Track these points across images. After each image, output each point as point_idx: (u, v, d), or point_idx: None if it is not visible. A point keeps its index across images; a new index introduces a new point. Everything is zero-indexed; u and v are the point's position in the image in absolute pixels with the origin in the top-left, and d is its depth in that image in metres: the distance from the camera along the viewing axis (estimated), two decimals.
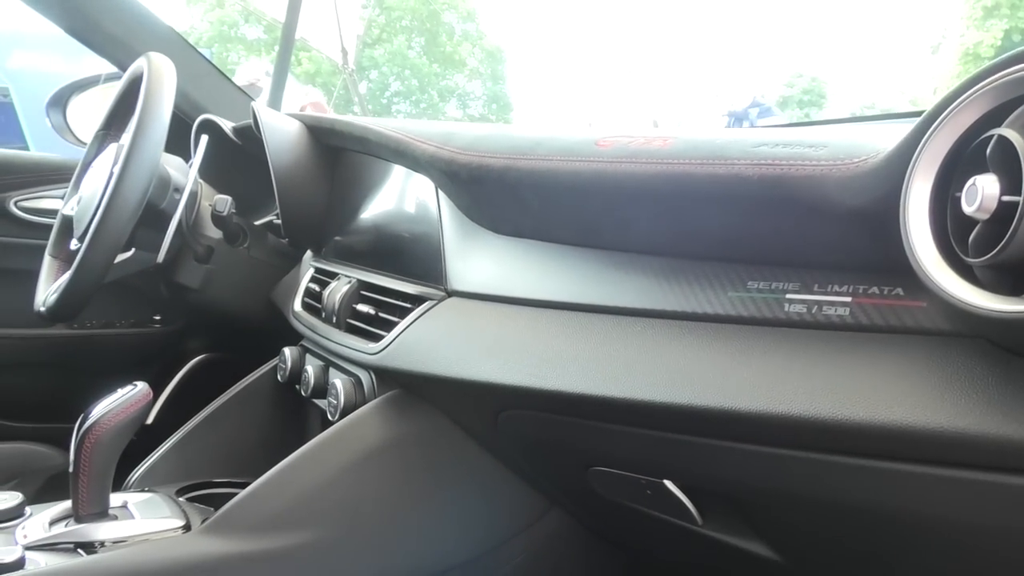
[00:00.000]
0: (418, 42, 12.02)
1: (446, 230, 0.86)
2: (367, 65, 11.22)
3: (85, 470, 0.83)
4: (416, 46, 11.98)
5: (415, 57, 11.88)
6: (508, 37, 13.51)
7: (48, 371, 1.51)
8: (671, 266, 0.62)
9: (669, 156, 0.59)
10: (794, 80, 12.42)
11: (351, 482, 0.84)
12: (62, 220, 1.25)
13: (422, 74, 11.91)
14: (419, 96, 12.05)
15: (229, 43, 10.72)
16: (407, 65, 11.77)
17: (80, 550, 0.80)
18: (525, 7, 14.47)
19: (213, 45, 10.45)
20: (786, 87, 12.29)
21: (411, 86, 11.98)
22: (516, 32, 14.06)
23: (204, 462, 1.08)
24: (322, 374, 1.01)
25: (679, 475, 0.64)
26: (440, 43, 12.05)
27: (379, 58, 11.41)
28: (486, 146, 0.76)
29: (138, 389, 0.85)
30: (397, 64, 11.66)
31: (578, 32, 13.66)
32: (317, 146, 1.17)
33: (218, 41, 10.68)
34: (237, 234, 1.26)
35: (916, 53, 11.50)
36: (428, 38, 11.99)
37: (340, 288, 1.00)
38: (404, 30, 11.95)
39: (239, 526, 0.81)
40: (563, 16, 13.87)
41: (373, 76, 11.61)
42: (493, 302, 0.78)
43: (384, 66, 11.56)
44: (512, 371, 0.69)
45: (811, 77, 12.48)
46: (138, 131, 1.04)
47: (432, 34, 12.00)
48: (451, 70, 12.13)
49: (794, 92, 12.15)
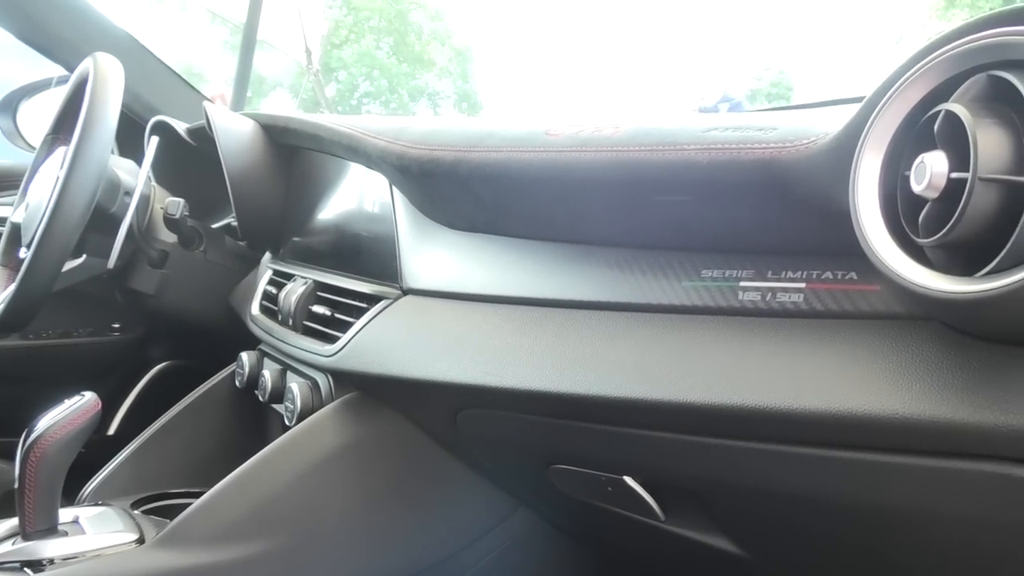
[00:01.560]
0: (387, 42, 11.95)
1: (401, 227, 0.84)
2: (335, 66, 11.13)
3: (31, 485, 0.80)
4: (385, 46, 11.91)
5: (384, 57, 11.81)
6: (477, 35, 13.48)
7: (4, 382, 1.47)
8: (624, 257, 0.61)
9: (619, 143, 0.58)
10: (762, 73, 12.51)
11: (309, 488, 0.82)
12: (11, 228, 1.21)
13: (391, 74, 11.84)
14: (389, 96, 11.98)
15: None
16: (376, 65, 11.69)
17: (27, 569, 0.77)
18: (493, 5, 14.46)
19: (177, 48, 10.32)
20: (754, 80, 12.37)
21: (380, 86, 11.90)
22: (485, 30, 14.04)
23: (161, 473, 1.05)
24: (279, 378, 0.99)
25: (639, 471, 0.63)
26: (409, 43, 11.99)
27: (347, 59, 11.32)
28: (437, 139, 0.74)
29: (86, 399, 0.82)
30: (366, 64, 11.58)
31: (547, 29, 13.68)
32: (272, 146, 1.14)
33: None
34: (192, 237, 1.23)
35: (880, 44, 11.63)
36: (396, 38, 11.93)
37: (296, 289, 0.98)
38: (372, 30, 11.87)
39: (194, 538, 0.78)
40: (531, 13, 13.88)
41: (342, 77, 11.53)
42: (449, 299, 0.76)
43: (353, 67, 11.48)
44: (467, 369, 0.67)
45: (778, 70, 12.57)
46: (83, 134, 1.00)
47: (400, 34, 11.93)
48: (420, 69, 12.07)
49: (762, 85, 12.24)
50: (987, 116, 0.37)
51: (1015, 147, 0.36)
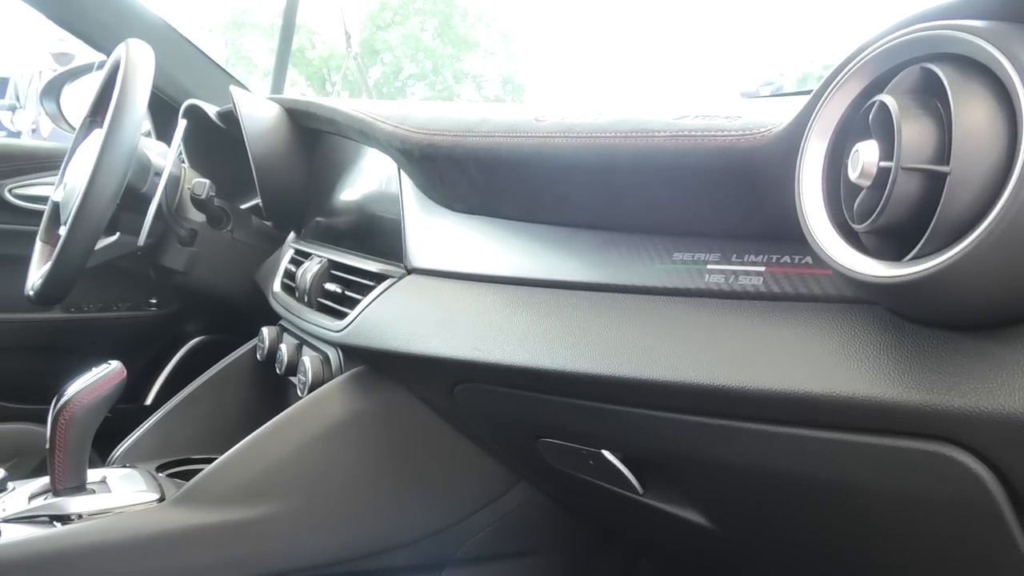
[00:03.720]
0: (431, 24, 11.99)
1: (406, 208, 0.87)
2: (381, 48, 11.21)
3: (60, 446, 0.85)
4: (429, 28, 11.96)
5: (428, 39, 11.86)
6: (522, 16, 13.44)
7: (47, 354, 1.55)
8: (605, 239, 0.63)
9: (598, 130, 0.60)
10: (813, 55, 12.25)
11: (316, 455, 0.86)
12: (52, 206, 1.27)
13: (436, 56, 11.89)
14: (433, 78, 12.03)
15: (243, 28, 10.77)
16: (420, 47, 11.75)
17: (56, 522, 0.82)
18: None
19: (226, 32, 10.51)
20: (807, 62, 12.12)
21: (425, 68, 11.97)
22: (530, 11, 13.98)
23: (185, 439, 1.11)
24: (296, 352, 1.03)
25: (616, 445, 0.66)
26: (453, 24, 12.01)
27: (392, 41, 11.40)
28: (436, 125, 0.77)
29: (111, 368, 0.88)
30: (411, 47, 11.64)
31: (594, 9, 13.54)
32: (295, 129, 1.18)
33: (232, 28, 10.73)
34: (220, 217, 1.28)
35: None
36: (441, 19, 11.96)
37: (312, 268, 1.02)
38: (417, 12, 11.92)
39: (209, 497, 0.83)
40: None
41: (387, 59, 11.62)
42: (448, 278, 0.79)
43: (398, 49, 11.56)
44: (460, 345, 0.71)
45: (831, 51, 12.29)
46: (114, 118, 1.06)
47: (445, 15, 11.96)
48: (465, 51, 12.09)
49: (814, 67, 11.98)
50: (916, 107, 0.38)
51: (938, 137, 0.38)
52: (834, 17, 13.37)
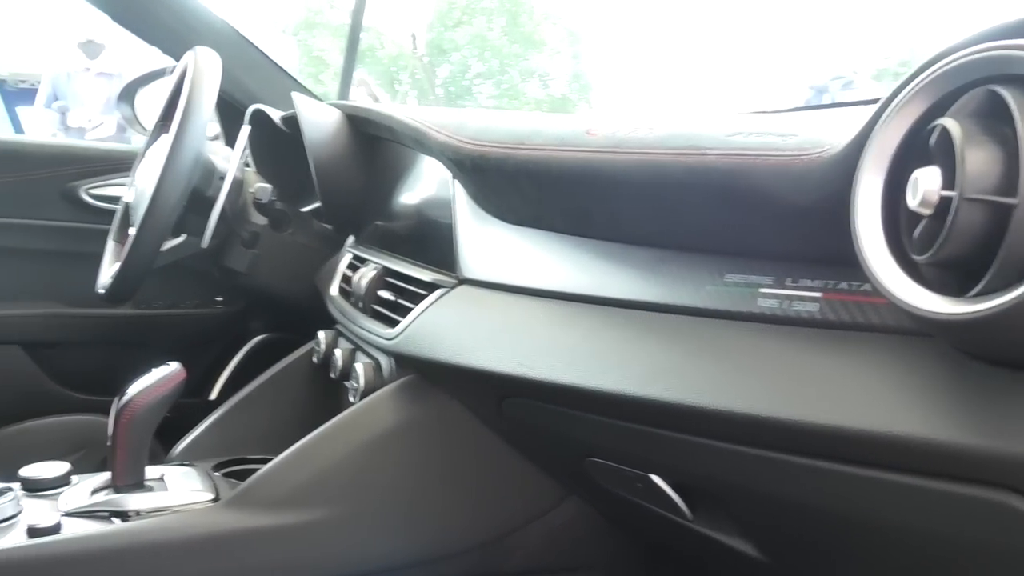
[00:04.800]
0: (498, 23, 12.00)
1: (459, 218, 0.87)
2: (448, 48, 11.27)
3: (121, 444, 0.88)
4: (496, 27, 11.97)
5: (495, 38, 11.88)
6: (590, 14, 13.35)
7: (117, 348, 1.60)
8: (655, 257, 0.62)
9: (649, 146, 0.59)
10: (890, 51, 11.83)
11: (366, 462, 0.87)
12: (123, 207, 1.32)
13: (503, 55, 11.89)
14: (500, 77, 12.05)
15: (315, 29, 10.98)
16: (487, 46, 11.77)
17: (115, 518, 0.85)
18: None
19: (299, 32, 10.73)
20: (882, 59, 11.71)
21: (492, 67, 11.99)
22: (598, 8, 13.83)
23: (242, 437, 1.13)
24: (350, 357, 1.04)
25: (664, 470, 0.64)
26: (520, 23, 11.99)
27: (460, 40, 11.45)
28: (488, 135, 0.77)
29: (172, 369, 0.90)
30: (478, 46, 11.67)
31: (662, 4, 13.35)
32: (355, 135, 1.19)
33: (304, 28, 10.94)
34: (281, 220, 1.30)
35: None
36: (508, 18, 11.95)
37: (367, 274, 1.03)
38: (484, 11, 11.95)
39: (260, 500, 0.85)
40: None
41: (455, 58, 11.68)
42: (498, 290, 0.79)
43: (465, 48, 11.61)
44: (506, 359, 0.70)
45: (909, 48, 11.85)
46: (181, 124, 1.09)
47: (512, 14, 11.95)
48: (532, 50, 12.07)
49: (890, 64, 11.56)
50: (980, 133, 0.36)
51: (1005, 166, 0.35)
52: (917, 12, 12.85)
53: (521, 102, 11.74)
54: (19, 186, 1.53)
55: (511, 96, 11.95)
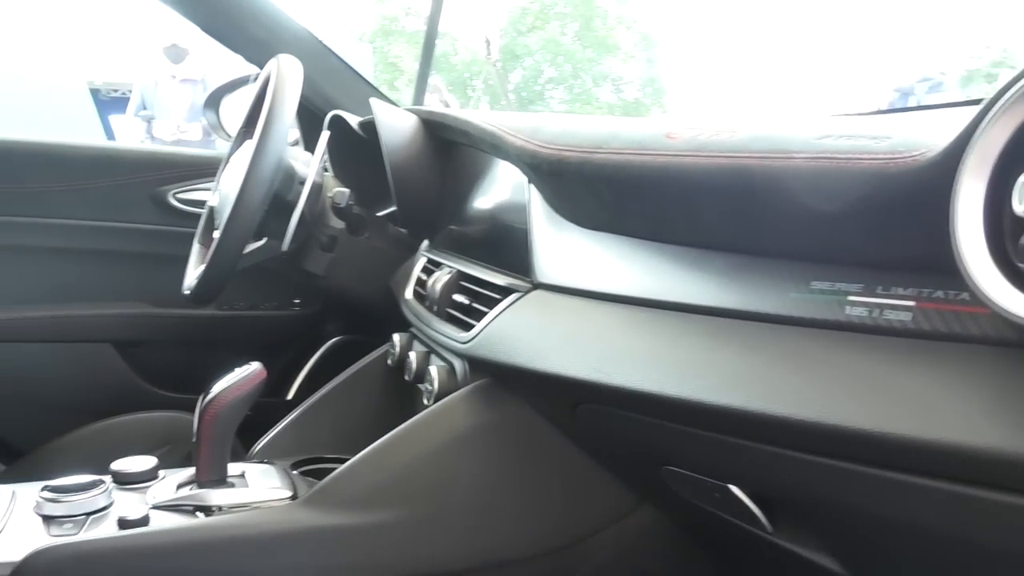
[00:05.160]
0: (572, 27, 12.01)
1: (534, 223, 0.87)
2: (521, 53, 11.33)
3: (204, 441, 0.91)
4: (569, 31, 11.98)
5: (568, 43, 11.89)
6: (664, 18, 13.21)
7: (200, 348, 1.66)
8: (736, 263, 0.60)
9: (733, 149, 0.57)
10: (982, 51, 11.33)
11: (439, 464, 0.87)
12: (208, 211, 1.36)
13: (575, 59, 11.89)
14: (572, 82, 12.05)
15: (391, 36, 11.19)
16: (560, 51, 11.79)
17: (199, 513, 0.88)
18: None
19: (376, 39, 10.94)
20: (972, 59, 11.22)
21: (565, 72, 12.00)
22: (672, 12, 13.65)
23: (319, 437, 1.15)
24: (424, 360, 1.05)
25: (744, 480, 0.62)
26: (593, 27, 11.97)
27: (532, 45, 11.50)
28: (566, 140, 0.76)
29: (253, 369, 0.93)
30: (550, 51, 11.70)
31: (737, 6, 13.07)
32: (431, 139, 1.20)
33: (381, 36, 11.16)
34: (358, 224, 1.32)
35: None
36: (582, 23, 11.95)
37: (442, 278, 1.04)
38: (558, 16, 11.97)
39: (336, 499, 0.86)
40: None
41: (527, 63, 11.74)
42: (573, 295, 0.78)
43: (538, 53, 11.65)
44: (582, 365, 0.70)
45: (1002, 48, 11.33)
46: (264, 131, 1.12)
47: (586, 19, 11.94)
48: (605, 54, 12.03)
49: (981, 64, 11.07)
50: None
51: None
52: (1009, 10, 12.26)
53: (593, 107, 11.71)
54: (112, 190, 1.60)
55: (583, 101, 11.92)
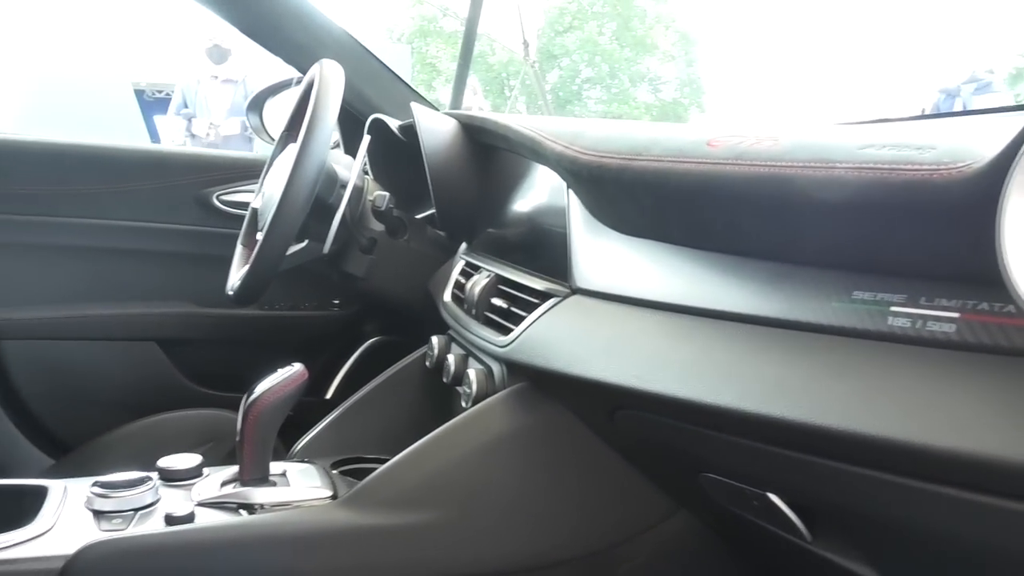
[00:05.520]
0: (609, 27, 11.97)
1: (573, 228, 0.87)
2: (558, 53, 11.32)
3: (249, 439, 0.93)
4: (607, 31, 11.94)
5: (606, 43, 11.85)
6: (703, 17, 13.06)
7: (241, 346, 1.69)
8: (777, 271, 0.60)
9: (774, 158, 0.57)
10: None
11: (477, 467, 0.88)
12: (251, 213, 1.39)
13: (613, 59, 11.84)
14: (609, 82, 12.00)
15: (429, 37, 11.25)
16: (597, 51, 11.76)
17: (242, 510, 0.90)
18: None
19: (413, 40, 11.01)
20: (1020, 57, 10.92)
21: (602, 72, 11.96)
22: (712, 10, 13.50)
23: (358, 437, 1.17)
24: (462, 363, 1.06)
25: (784, 489, 0.62)
26: (632, 27, 11.91)
27: (570, 45, 11.48)
28: (606, 146, 0.77)
29: (295, 370, 0.94)
30: (588, 50, 11.67)
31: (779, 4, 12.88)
32: (470, 143, 1.21)
33: (418, 36, 11.22)
34: (398, 227, 1.34)
35: None
36: (620, 23, 11.90)
37: (480, 281, 1.05)
38: (595, 16, 11.94)
39: (376, 499, 0.87)
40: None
41: (564, 63, 11.73)
42: (612, 301, 0.78)
43: (575, 53, 11.63)
44: (620, 371, 0.70)
45: None
46: (307, 135, 1.14)
47: (624, 18, 11.88)
48: (642, 54, 11.96)
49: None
50: None
51: None
52: None
53: (630, 107, 11.66)
54: (158, 192, 1.64)
55: (620, 101, 11.87)
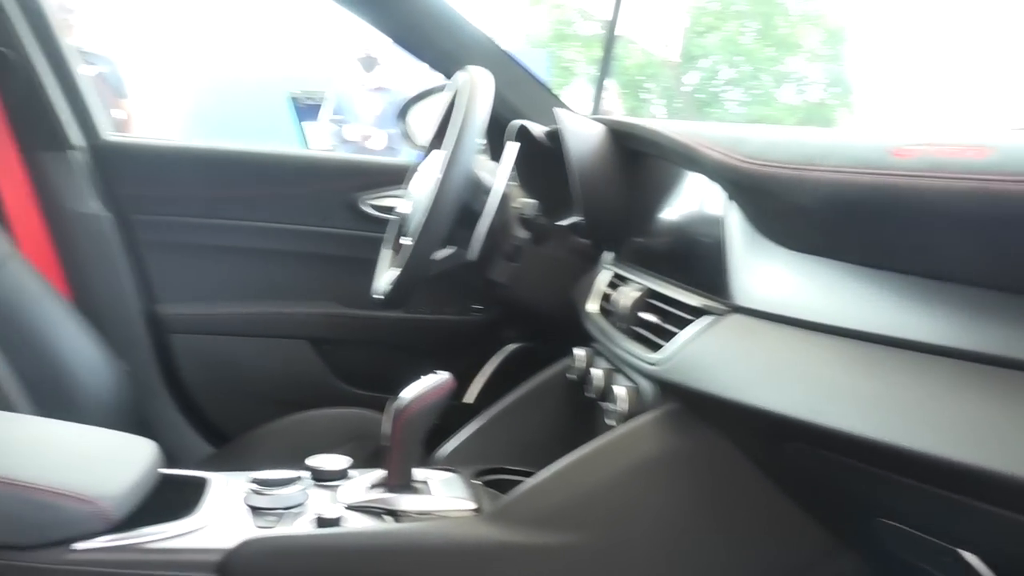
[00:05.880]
0: (751, 26, 11.54)
1: (732, 241, 0.82)
2: (697, 54, 11.01)
3: (396, 446, 0.94)
4: (749, 30, 11.51)
5: (748, 42, 11.43)
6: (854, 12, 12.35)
7: (383, 348, 1.73)
8: (979, 298, 0.54)
9: (981, 171, 0.51)
10: None
11: (625, 490, 0.85)
12: (398, 217, 1.41)
13: (755, 59, 11.41)
14: (751, 83, 11.57)
15: (565, 41, 11.24)
16: (739, 51, 11.36)
17: (386, 517, 0.90)
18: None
19: (551, 44, 11.04)
20: None
21: (744, 73, 11.55)
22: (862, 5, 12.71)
23: (499, 447, 1.16)
24: (607, 378, 1.03)
25: (981, 547, 0.55)
26: (775, 25, 11.43)
27: (710, 46, 11.15)
28: (774, 154, 0.72)
29: (442, 378, 0.95)
30: (729, 51, 11.30)
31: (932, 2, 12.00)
32: (618, 149, 1.18)
33: (556, 40, 11.24)
34: (542, 234, 1.32)
35: None
36: (763, 21, 11.45)
37: (629, 293, 1.01)
38: (737, 15, 11.54)
39: (521, 516, 0.86)
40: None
41: (703, 64, 11.40)
42: (776, 322, 0.73)
43: (715, 54, 11.29)
44: (788, 401, 0.65)
45: None
46: (457, 140, 1.14)
47: (767, 16, 11.43)
48: (787, 53, 11.46)
49: None
50: None
51: None
52: None
53: (773, 108, 11.21)
54: (311, 196, 1.71)
55: (762, 102, 11.43)
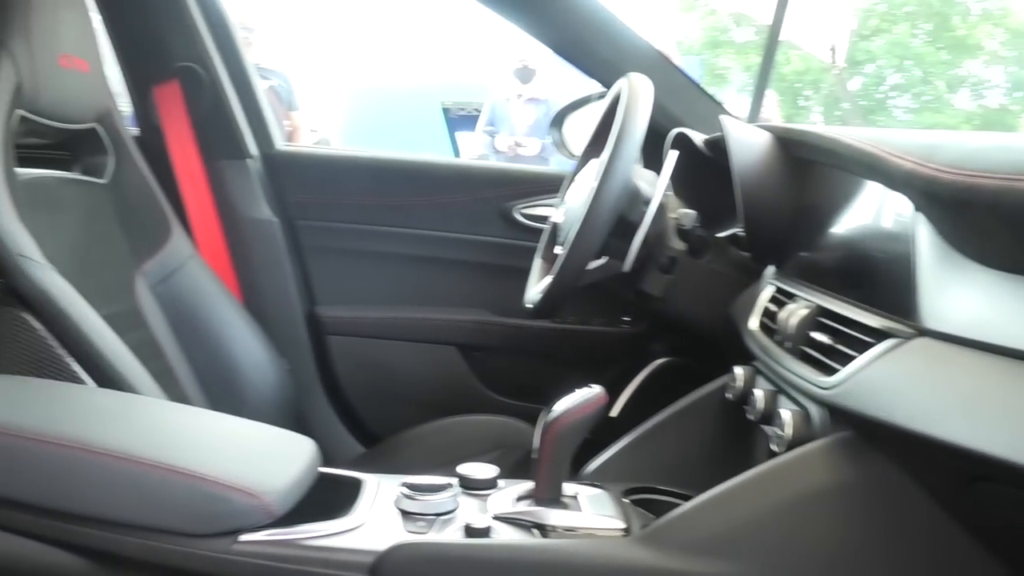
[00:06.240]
0: (923, 28, 10.78)
1: (922, 258, 0.75)
2: (861, 59, 10.39)
3: (545, 459, 0.92)
4: (920, 33, 10.77)
5: (919, 45, 10.68)
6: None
7: (531, 357, 1.73)
8: None
9: None
10: None
11: (790, 521, 0.79)
12: (551, 227, 1.41)
13: (926, 63, 10.65)
14: (921, 88, 10.82)
15: (719, 48, 10.96)
16: (908, 55, 10.64)
17: (535, 530, 0.89)
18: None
19: (704, 51, 10.79)
20: None
21: (912, 78, 10.81)
22: None
23: (649, 466, 1.12)
24: (771, 400, 0.97)
25: None
26: (951, 27, 10.63)
27: (876, 50, 10.51)
28: (977, 163, 0.64)
29: (595, 392, 0.92)
30: (896, 55, 10.60)
31: None
32: (786, 158, 1.12)
33: (709, 47, 10.98)
34: (700, 247, 1.28)
35: None
36: (936, 22, 10.67)
37: (797, 311, 0.95)
38: (907, 17, 10.82)
39: (672, 541, 0.82)
40: None
41: (868, 70, 10.77)
42: (973, 349, 0.66)
43: (881, 59, 10.63)
44: (985, 436, 0.58)
45: None
46: (614, 150, 1.12)
47: (942, 17, 10.64)
48: (962, 56, 10.62)
49: None
50: None
51: None
52: None
53: (946, 115, 10.43)
54: (465, 204, 1.73)
55: (933, 109, 10.66)
